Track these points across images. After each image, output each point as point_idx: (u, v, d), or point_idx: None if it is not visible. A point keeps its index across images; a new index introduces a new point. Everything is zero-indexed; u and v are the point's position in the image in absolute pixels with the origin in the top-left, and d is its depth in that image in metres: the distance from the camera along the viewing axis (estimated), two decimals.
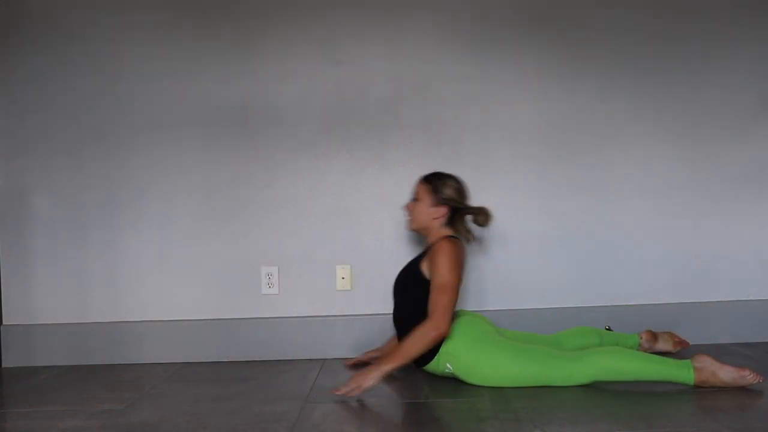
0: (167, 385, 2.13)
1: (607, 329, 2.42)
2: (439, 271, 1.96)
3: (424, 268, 2.03)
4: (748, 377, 1.84)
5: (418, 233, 2.19)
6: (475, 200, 2.45)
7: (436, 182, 2.09)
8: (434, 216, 2.07)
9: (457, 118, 2.48)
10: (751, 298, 2.51)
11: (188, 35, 2.46)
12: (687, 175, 2.51)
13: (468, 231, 2.15)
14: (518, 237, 2.48)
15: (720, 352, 2.32)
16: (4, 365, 2.45)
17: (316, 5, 2.47)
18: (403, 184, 2.47)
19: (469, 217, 2.16)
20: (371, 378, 1.83)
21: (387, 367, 1.85)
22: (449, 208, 2.08)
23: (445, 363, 1.99)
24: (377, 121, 2.47)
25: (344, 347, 2.43)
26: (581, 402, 1.81)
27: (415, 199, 2.12)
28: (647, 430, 1.57)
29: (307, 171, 2.47)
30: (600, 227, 2.49)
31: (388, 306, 2.46)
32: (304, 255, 2.46)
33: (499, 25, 2.48)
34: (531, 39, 2.48)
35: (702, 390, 1.87)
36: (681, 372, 1.86)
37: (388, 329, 2.42)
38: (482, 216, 2.11)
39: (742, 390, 1.86)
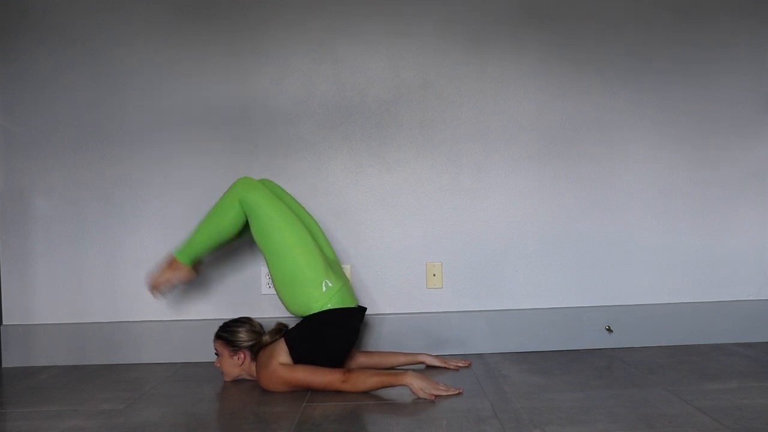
0: (167, 385, 2.12)
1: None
2: (288, 389, 1.97)
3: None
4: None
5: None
6: (475, 201, 2.46)
7: (226, 335, 2.10)
8: (238, 364, 2.10)
9: (457, 118, 2.48)
10: (751, 298, 2.51)
11: (187, 35, 2.46)
12: (687, 174, 2.51)
13: (272, 336, 2.12)
14: (518, 237, 2.48)
15: (720, 352, 2.32)
16: (4, 365, 2.45)
17: (315, 5, 2.47)
18: (403, 184, 2.47)
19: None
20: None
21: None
22: (247, 349, 2.09)
23: (322, 291, 2.00)
24: (377, 121, 2.47)
25: None
26: (581, 402, 1.81)
27: (217, 355, 2.13)
28: (647, 430, 1.58)
29: (307, 171, 2.47)
30: (600, 227, 2.49)
31: (387, 306, 2.46)
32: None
33: (499, 24, 2.48)
34: (531, 39, 2.48)
35: (701, 390, 1.88)
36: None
37: (388, 329, 2.42)
38: (269, 336, 2.11)
39: (742, 390, 1.87)
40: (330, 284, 2.02)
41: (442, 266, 2.47)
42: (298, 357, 1.98)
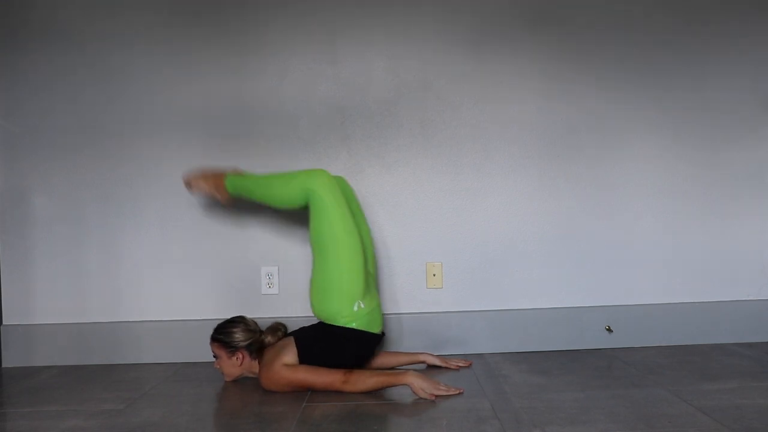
0: (167, 385, 2.12)
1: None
2: (289, 389, 1.98)
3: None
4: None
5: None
6: (475, 201, 2.46)
7: (222, 337, 2.10)
8: (238, 364, 2.10)
9: (457, 118, 2.48)
10: (751, 298, 2.51)
11: (187, 36, 2.46)
12: (688, 175, 2.51)
13: (275, 335, 2.13)
14: (518, 237, 2.48)
15: (720, 352, 2.32)
16: (4, 365, 2.45)
17: (316, 5, 2.47)
18: (403, 184, 2.47)
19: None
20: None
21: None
22: (245, 349, 2.09)
23: (351, 310, 1.99)
24: (377, 121, 2.47)
25: None
26: (581, 402, 1.81)
27: (216, 357, 2.13)
28: (647, 430, 1.58)
29: None
30: (600, 227, 2.49)
31: (388, 306, 2.46)
32: (304, 255, 2.46)
33: (500, 24, 2.48)
34: (531, 39, 2.48)
35: (701, 390, 1.88)
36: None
37: (388, 329, 2.42)
38: (269, 335, 2.12)
39: (742, 390, 1.87)
40: (362, 306, 2.01)
41: (442, 266, 2.47)
42: (306, 359, 1.99)
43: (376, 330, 2.06)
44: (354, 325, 2.00)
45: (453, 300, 2.47)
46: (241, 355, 2.09)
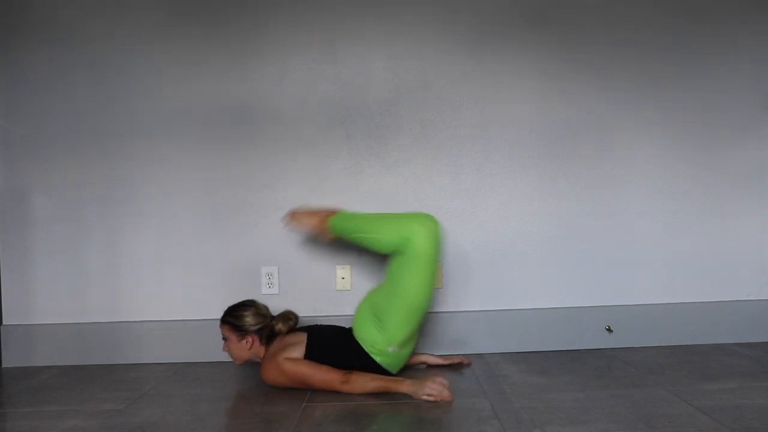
0: (167, 385, 2.12)
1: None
2: (288, 383, 1.97)
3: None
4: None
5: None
6: (475, 201, 2.46)
7: (232, 320, 2.10)
8: (247, 348, 2.10)
9: (457, 118, 2.48)
10: (751, 298, 2.51)
11: (187, 36, 2.46)
12: (688, 175, 2.51)
13: (286, 323, 2.14)
14: (518, 237, 2.48)
15: (720, 352, 2.32)
16: (4, 365, 2.45)
17: (316, 5, 2.47)
18: (403, 184, 2.47)
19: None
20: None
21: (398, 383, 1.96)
22: (255, 333, 2.10)
23: (385, 350, 1.99)
24: (377, 121, 2.47)
25: None
26: (581, 402, 1.81)
27: (225, 340, 2.13)
28: (647, 430, 1.58)
29: (307, 171, 2.47)
30: (600, 227, 2.49)
31: None
32: (304, 255, 2.46)
33: (500, 24, 2.48)
34: (531, 39, 2.48)
35: (701, 390, 1.88)
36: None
37: None
38: (281, 323, 2.12)
39: (742, 390, 1.86)
40: (396, 350, 2.00)
41: (442, 266, 2.47)
42: (312, 355, 1.98)
43: (394, 371, 2.06)
44: (377, 360, 2.00)
45: (453, 300, 2.47)
46: (251, 339, 2.09)
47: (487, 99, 2.48)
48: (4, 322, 2.47)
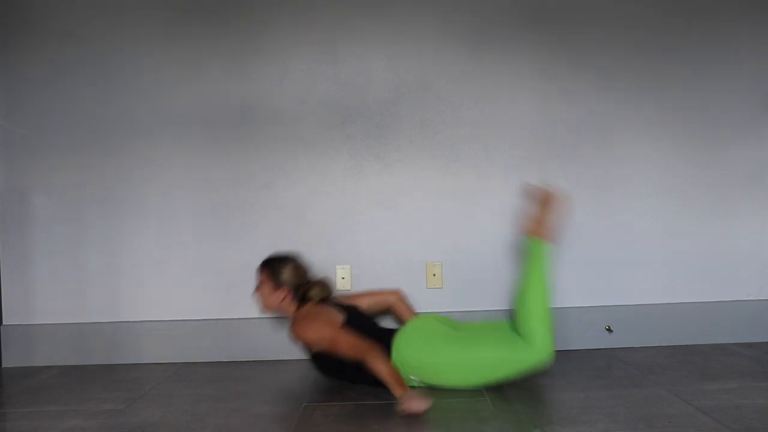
0: (167, 385, 2.13)
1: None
2: (316, 341, 1.95)
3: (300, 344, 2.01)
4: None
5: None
6: (475, 201, 2.46)
7: (272, 268, 2.12)
8: (278, 299, 2.11)
9: (456, 118, 2.48)
10: (751, 298, 2.51)
11: (187, 36, 2.46)
12: (687, 175, 2.51)
13: (323, 291, 2.13)
14: (518, 237, 2.48)
15: (720, 352, 2.32)
16: (4, 365, 2.45)
17: (316, 5, 2.47)
18: (403, 184, 2.47)
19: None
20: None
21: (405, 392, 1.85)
22: (290, 289, 2.11)
23: (408, 376, 1.97)
24: (377, 121, 2.47)
25: None
26: (581, 402, 1.81)
27: (259, 285, 2.14)
28: (647, 430, 1.58)
29: (307, 171, 2.47)
30: (600, 227, 2.49)
31: None
32: (304, 255, 2.46)
33: (499, 24, 2.48)
34: (531, 39, 2.48)
35: (701, 390, 1.87)
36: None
37: None
38: (317, 289, 2.12)
39: (742, 390, 1.86)
40: (414, 380, 1.97)
41: (442, 266, 2.47)
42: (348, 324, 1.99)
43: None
44: (399, 368, 1.97)
45: (453, 300, 2.47)
46: (284, 293, 2.11)
47: (487, 99, 2.48)
48: (4, 322, 2.47)
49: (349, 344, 1.91)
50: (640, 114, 2.50)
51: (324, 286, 2.16)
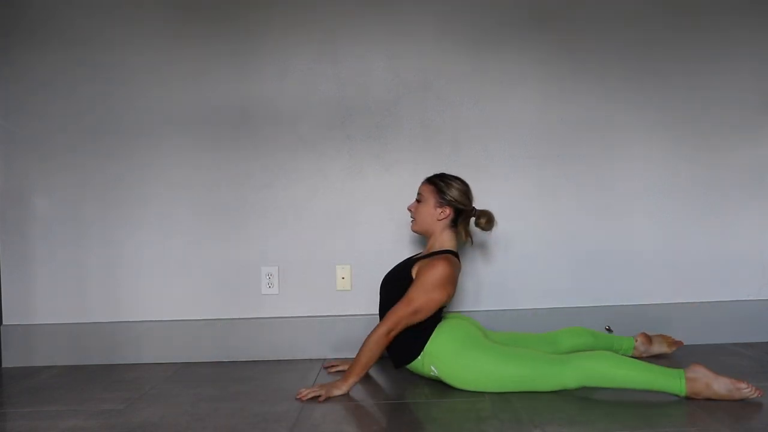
0: (167, 385, 2.12)
1: (607, 330, 2.42)
2: (419, 286, 1.94)
3: (414, 272, 2.01)
4: (744, 390, 1.73)
5: (421, 235, 2.18)
6: (475, 201, 2.46)
7: (440, 183, 2.07)
8: (438, 218, 2.06)
9: (457, 118, 2.48)
10: (751, 298, 2.51)
11: (187, 35, 2.46)
12: (687, 175, 2.51)
13: (468, 234, 2.13)
14: (518, 237, 2.48)
15: (720, 352, 2.32)
16: (4, 365, 2.45)
17: (316, 5, 2.47)
18: (403, 184, 2.47)
19: (472, 220, 2.14)
20: (339, 391, 1.92)
21: (351, 380, 1.93)
22: (453, 209, 2.06)
23: (429, 365, 1.97)
24: (377, 121, 2.47)
25: (344, 347, 2.43)
26: (581, 402, 1.81)
27: (419, 200, 2.11)
28: (647, 430, 1.57)
29: (307, 171, 2.47)
30: (600, 227, 2.49)
31: None
32: (304, 255, 2.46)
33: (500, 25, 2.48)
34: (531, 39, 2.48)
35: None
36: (672, 382, 1.77)
37: None
38: (485, 219, 2.08)
39: None
40: (434, 371, 1.97)
41: None
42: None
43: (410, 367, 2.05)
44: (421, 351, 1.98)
45: (453, 300, 2.47)
46: (447, 212, 2.05)
47: (487, 99, 2.48)
48: (4, 322, 2.47)
49: (405, 315, 1.91)
50: (640, 114, 2.50)
51: (489, 218, 2.08)
